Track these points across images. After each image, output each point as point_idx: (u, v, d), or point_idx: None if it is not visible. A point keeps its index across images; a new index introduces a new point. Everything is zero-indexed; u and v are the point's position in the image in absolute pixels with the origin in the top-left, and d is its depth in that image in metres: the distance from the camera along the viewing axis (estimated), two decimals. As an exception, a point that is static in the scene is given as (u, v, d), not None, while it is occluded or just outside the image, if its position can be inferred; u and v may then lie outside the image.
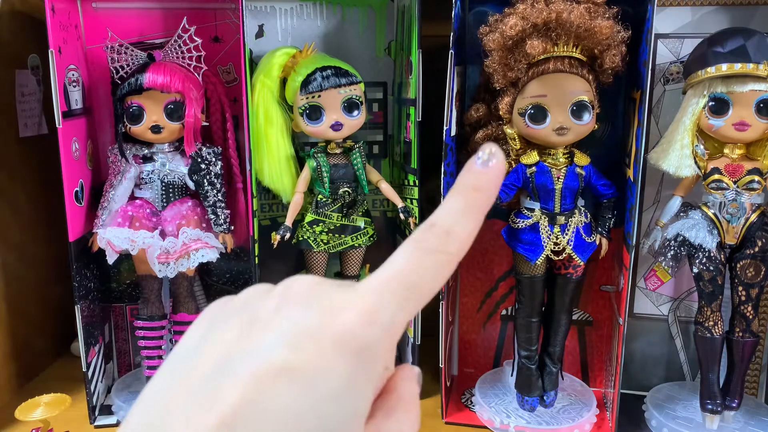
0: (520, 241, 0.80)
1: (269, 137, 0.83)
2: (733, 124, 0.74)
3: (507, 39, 0.72)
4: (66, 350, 1.05)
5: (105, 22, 0.85)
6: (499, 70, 0.75)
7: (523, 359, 0.84)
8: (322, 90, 0.80)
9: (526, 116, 0.75)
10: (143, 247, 0.80)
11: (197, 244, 0.82)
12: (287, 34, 0.92)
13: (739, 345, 0.79)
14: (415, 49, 0.80)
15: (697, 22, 0.83)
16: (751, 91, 0.73)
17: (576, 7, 0.70)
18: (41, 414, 0.72)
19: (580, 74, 0.73)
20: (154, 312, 0.85)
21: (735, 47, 0.72)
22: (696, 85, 0.76)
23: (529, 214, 0.80)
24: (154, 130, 0.80)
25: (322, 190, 0.85)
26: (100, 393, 0.88)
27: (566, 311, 0.84)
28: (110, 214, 0.82)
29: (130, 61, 0.82)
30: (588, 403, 0.87)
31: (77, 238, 0.80)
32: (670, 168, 0.77)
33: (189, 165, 0.82)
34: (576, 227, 0.79)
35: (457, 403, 0.91)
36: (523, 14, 0.71)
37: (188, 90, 0.80)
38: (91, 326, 0.85)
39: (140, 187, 0.83)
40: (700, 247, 0.78)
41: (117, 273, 0.94)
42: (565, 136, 0.75)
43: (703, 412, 0.81)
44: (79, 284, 0.81)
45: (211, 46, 0.88)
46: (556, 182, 0.78)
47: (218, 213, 0.83)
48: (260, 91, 0.82)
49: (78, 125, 0.82)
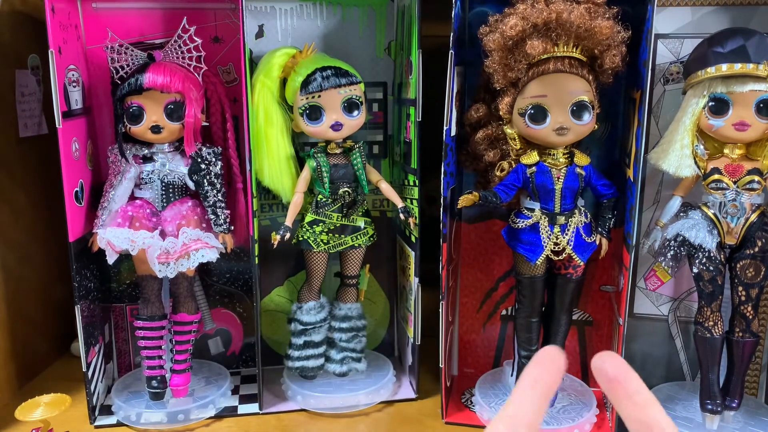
0: (520, 241, 0.80)
1: (269, 137, 0.83)
2: (733, 124, 0.74)
3: (507, 39, 0.72)
4: (66, 350, 1.05)
5: (105, 22, 0.85)
6: (499, 70, 0.75)
7: (523, 359, 0.84)
8: (322, 90, 0.80)
9: (526, 116, 0.75)
10: (143, 247, 0.80)
11: (197, 244, 0.82)
12: (287, 34, 0.92)
13: (739, 345, 0.79)
14: (415, 49, 0.80)
15: (697, 22, 0.83)
16: (750, 91, 0.73)
17: (576, 8, 0.70)
18: (41, 414, 0.72)
19: (580, 74, 0.73)
20: (154, 312, 0.85)
21: (735, 47, 0.72)
22: (696, 85, 0.76)
23: (529, 214, 0.80)
24: (154, 130, 0.80)
25: (322, 190, 0.85)
26: (100, 393, 0.88)
27: (566, 311, 0.84)
28: (110, 214, 0.82)
29: (130, 61, 0.82)
30: (588, 403, 0.87)
31: (77, 238, 0.80)
32: (670, 168, 0.77)
33: (189, 165, 0.82)
34: (576, 227, 0.79)
35: (457, 403, 0.91)
36: (523, 14, 0.71)
37: (188, 90, 0.80)
38: (91, 326, 0.85)
39: (140, 187, 0.83)
40: (700, 247, 0.78)
41: (117, 273, 0.95)
42: (565, 136, 0.75)
43: (703, 412, 0.81)
44: (79, 284, 0.81)
45: (211, 46, 0.88)
46: (556, 182, 0.78)
47: (218, 213, 0.83)
48: (260, 91, 0.82)
49: (78, 125, 0.82)
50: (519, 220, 0.80)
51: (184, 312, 0.86)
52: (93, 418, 0.85)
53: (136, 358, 0.96)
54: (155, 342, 0.86)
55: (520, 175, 0.79)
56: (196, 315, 0.88)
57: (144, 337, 0.86)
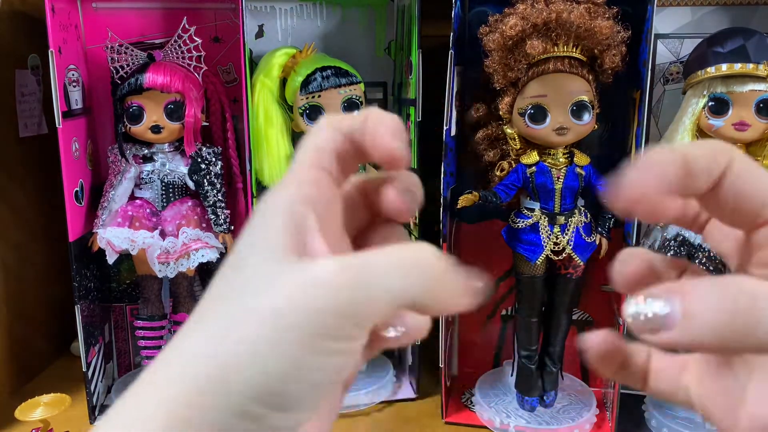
0: (520, 241, 0.80)
1: (269, 137, 0.83)
2: (733, 124, 0.74)
3: (507, 39, 0.72)
4: (66, 350, 1.05)
5: (105, 22, 0.85)
6: (499, 70, 0.75)
7: (523, 359, 0.84)
8: (322, 90, 0.80)
9: (526, 116, 0.75)
10: (143, 247, 0.80)
11: (197, 244, 0.82)
12: (287, 34, 0.92)
13: (739, 345, 0.79)
14: (415, 49, 0.80)
15: (697, 22, 0.83)
16: (750, 91, 0.73)
17: (576, 8, 0.70)
18: (41, 414, 0.72)
19: (580, 74, 0.73)
20: (154, 312, 0.85)
21: (735, 47, 0.72)
22: (696, 85, 0.76)
23: (529, 214, 0.80)
24: (154, 130, 0.80)
25: (322, 190, 0.85)
26: (100, 393, 0.88)
27: (566, 311, 0.84)
28: (110, 214, 0.82)
29: (130, 61, 0.82)
30: (588, 403, 0.87)
31: (77, 238, 0.80)
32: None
33: (189, 165, 0.82)
34: (576, 227, 0.79)
35: (457, 403, 0.90)
36: (523, 14, 0.71)
37: (188, 90, 0.80)
38: (91, 326, 0.85)
39: (140, 187, 0.84)
40: (699, 247, 0.78)
41: (117, 273, 0.94)
42: (565, 136, 0.75)
43: (703, 412, 0.81)
44: (79, 284, 0.81)
45: (211, 46, 0.88)
46: (556, 182, 0.78)
47: (218, 213, 0.83)
48: (260, 91, 0.82)
49: (78, 125, 0.82)
50: (519, 220, 0.80)
51: (184, 312, 0.86)
52: (93, 418, 0.85)
53: (136, 358, 0.96)
54: (155, 342, 0.86)
55: (520, 175, 0.79)
56: (196, 315, 0.88)
57: (144, 337, 0.86)
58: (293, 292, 0.23)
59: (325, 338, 0.22)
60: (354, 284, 0.23)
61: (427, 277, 0.23)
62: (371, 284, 0.23)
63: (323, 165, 0.27)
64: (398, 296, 0.23)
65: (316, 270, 0.23)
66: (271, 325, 0.22)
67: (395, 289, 0.23)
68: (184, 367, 0.23)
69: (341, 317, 0.23)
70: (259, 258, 0.24)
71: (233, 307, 0.23)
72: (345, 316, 0.23)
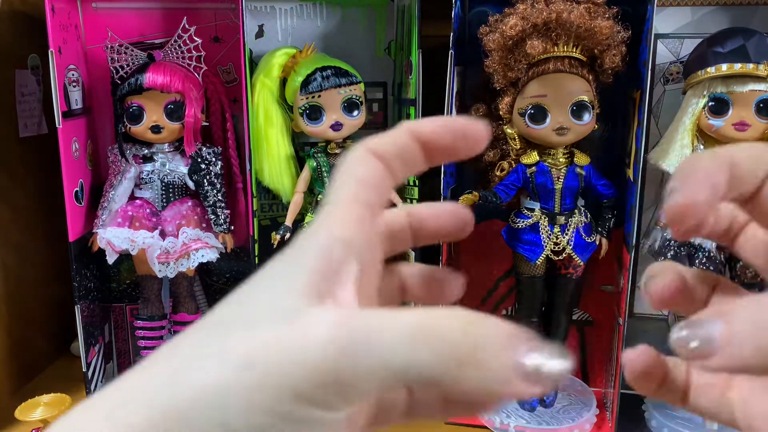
0: (520, 241, 0.80)
1: (269, 137, 0.83)
2: (733, 124, 0.74)
3: (507, 39, 0.72)
4: (66, 350, 1.05)
5: (105, 22, 0.85)
6: (499, 70, 0.75)
7: (523, 359, 0.84)
8: (322, 90, 0.80)
9: (526, 116, 0.75)
10: (143, 247, 0.80)
11: (197, 244, 0.82)
12: (287, 34, 0.92)
13: (739, 345, 0.79)
14: (415, 49, 0.80)
15: (697, 22, 0.83)
16: (750, 91, 0.73)
17: (576, 7, 0.70)
18: (41, 414, 0.72)
19: (580, 74, 0.73)
20: (154, 312, 0.85)
21: (735, 47, 0.72)
22: (696, 85, 0.76)
23: (529, 214, 0.80)
24: (154, 130, 0.80)
25: (322, 190, 0.85)
26: (100, 393, 0.88)
27: (566, 311, 0.84)
28: (110, 214, 0.82)
29: (130, 61, 0.82)
30: (588, 403, 0.87)
31: (77, 238, 0.80)
32: (670, 168, 0.77)
33: (189, 165, 0.82)
34: (576, 227, 0.79)
35: (457, 403, 0.90)
36: (523, 14, 0.71)
37: (188, 90, 0.80)
38: (91, 326, 0.85)
39: (140, 187, 0.84)
40: (700, 247, 0.78)
41: (117, 273, 0.94)
42: (565, 136, 0.75)
43: (703, 412, 0.81)
44: (79, 284, 0.81)
45: (211, 46, 0.88)
46: (556, 182, 0.78)
47: (218, 213, 0.83)
48: (260, 91, 0.82)
49: (78, 125, 0.82)
50: (519, 220, 0.80)
51: (184, 312, 0.86)
52: (93, 418, 0.85)
53: (136, 358, 0.96)
54: (155, 342, 0.86)
55: (520, 175, 0.79)
56: (196, 315, 0.88)
57: (144, 337, 0.86)
58: (272, 339, 0.20)
59: (297, 402, 0.19)
60: (341, 348, 0.19)
61: (447, 355, 0.19)
62: (362, 352, 0.19)
63: (365, 200, 0.24)
64: (400, 372, 0.19)
65: (311, 319, 0.20)
66: (235, 378, 0.19)
67: (396, 363, 0.19)
68: (142, 395, 0.20)
69: (318, 385, 0.19)
70: (269, 293, 0.22)
71: (212, 343, 0.21)
72: (323, 384, 0.19)
